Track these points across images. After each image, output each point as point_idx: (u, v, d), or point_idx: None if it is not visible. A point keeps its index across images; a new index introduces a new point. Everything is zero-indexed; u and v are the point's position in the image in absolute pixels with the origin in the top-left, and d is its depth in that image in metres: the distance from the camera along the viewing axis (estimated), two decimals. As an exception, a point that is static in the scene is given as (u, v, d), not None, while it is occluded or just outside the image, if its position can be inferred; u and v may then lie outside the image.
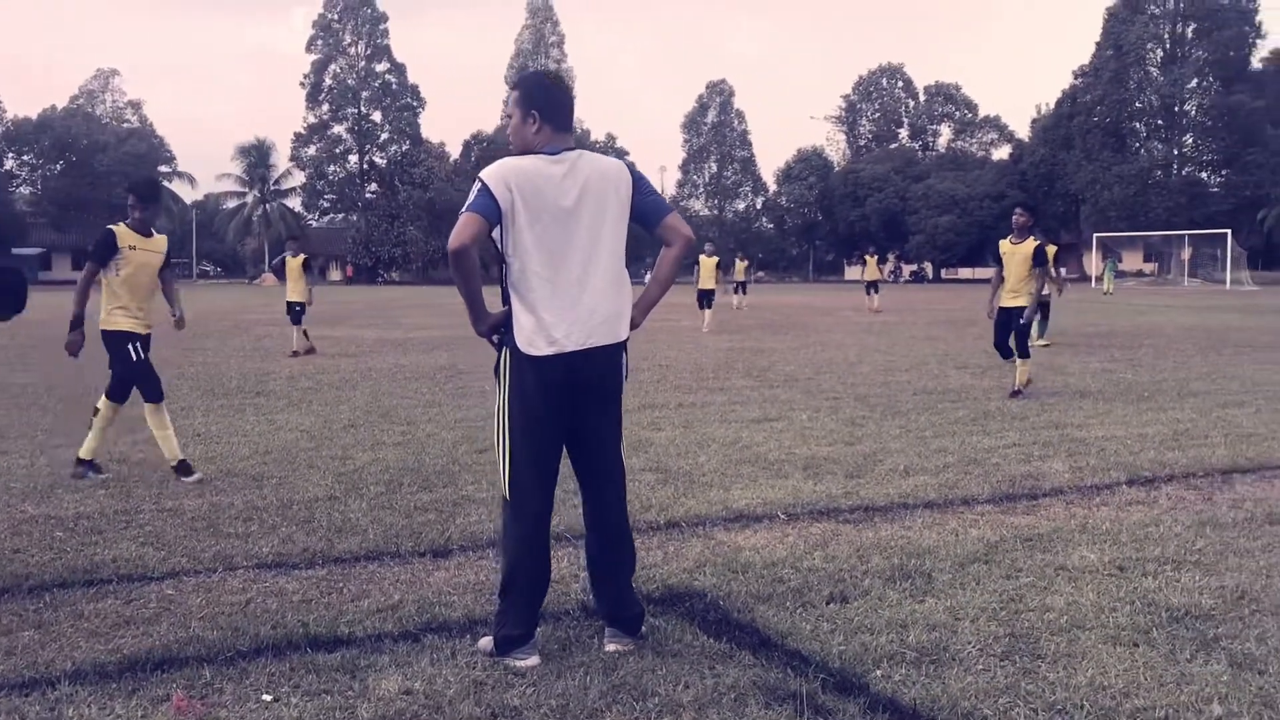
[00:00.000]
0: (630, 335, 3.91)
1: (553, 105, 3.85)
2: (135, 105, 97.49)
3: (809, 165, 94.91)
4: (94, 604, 4.40)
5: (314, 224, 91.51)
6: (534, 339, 3.72)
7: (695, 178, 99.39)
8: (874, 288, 32.15)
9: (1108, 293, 47.13)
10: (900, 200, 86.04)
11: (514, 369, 3.77)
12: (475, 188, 3.70)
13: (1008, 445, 8.06)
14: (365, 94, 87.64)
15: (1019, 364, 10.96)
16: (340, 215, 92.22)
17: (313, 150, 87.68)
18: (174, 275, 7.52)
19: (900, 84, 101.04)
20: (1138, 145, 77.46)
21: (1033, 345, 14.30)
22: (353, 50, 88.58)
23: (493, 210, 3.66)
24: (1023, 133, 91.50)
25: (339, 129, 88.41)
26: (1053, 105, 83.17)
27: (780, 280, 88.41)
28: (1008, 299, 10.98)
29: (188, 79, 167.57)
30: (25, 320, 5.31)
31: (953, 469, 7.16)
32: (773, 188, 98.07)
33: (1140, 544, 5.21)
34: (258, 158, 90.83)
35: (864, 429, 8.91)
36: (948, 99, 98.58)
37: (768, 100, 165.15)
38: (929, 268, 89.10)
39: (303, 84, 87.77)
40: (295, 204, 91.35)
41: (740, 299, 33.82)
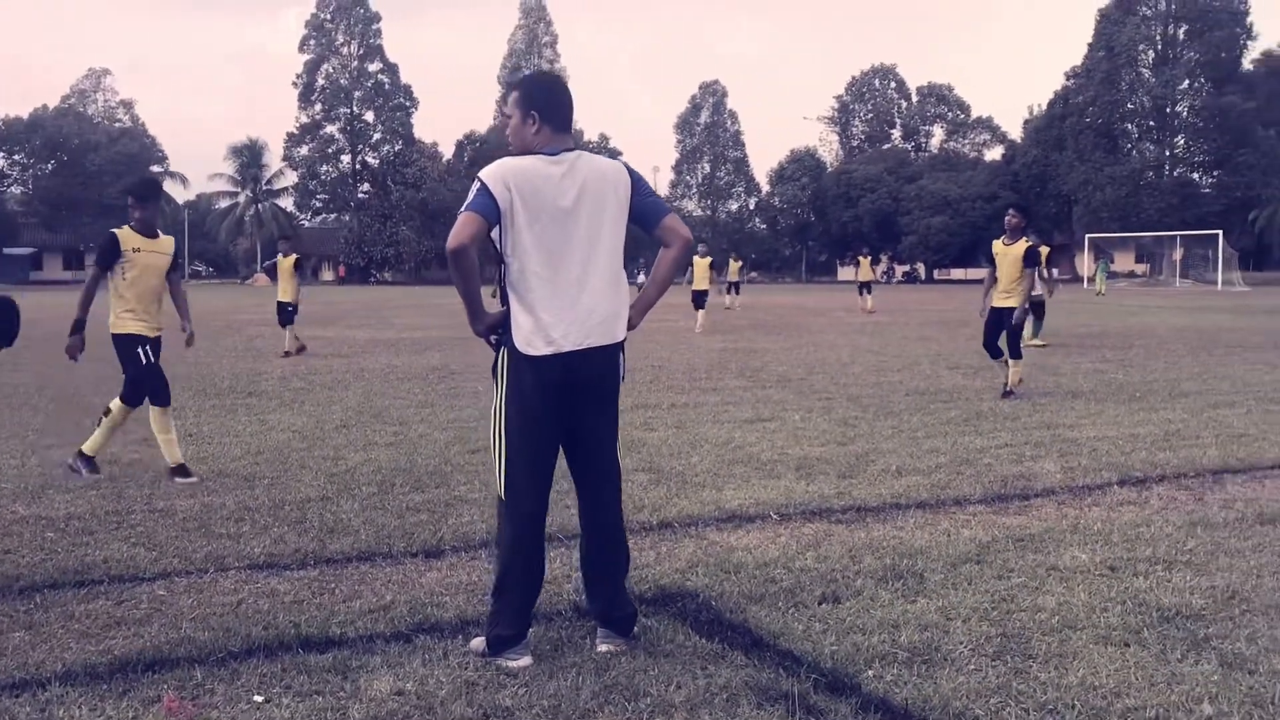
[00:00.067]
0: (627, 336, 3.91)
1: (552, 106, 3.85)
2: (127, 105, 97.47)
3: (802, 166, 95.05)
4: (85, 605, 4.39)
5: (306, 224, 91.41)
6: (532, 339, 3.72)
7: (688, 178, 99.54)
8: (866, 288, 32.23)
9: (1100, 293, 47.24)
10: (893, 201, 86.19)
11: (512, 369, 3.77)
12: (474, 187, 3.70)
13: (1000, 446, 8.08)
14: (358, 94, 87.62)
15: (1011, 365, 10.98)
16: (333, 215, 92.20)
17: (305, 150, 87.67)
18: (181, 278, 7.39)
19: (893, 85, 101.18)
20: (1129, 146, 77.70)
21: (1027, 345, 14.37)
22: (345, 50, 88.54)
23: (492, 210, 3.66)
24: (1015, 134, 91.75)
25: (331, 129, 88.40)
26: (1045, 106, 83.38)
27: (773, 281, 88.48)
28: (999, 299, 11.01)
29: (180, 79, 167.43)
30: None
31: (945, 469, 7.18)
32: (766, 188, 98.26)
33: (1131, 544, 5.22)
34: (250, 158, 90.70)
35: (856, 429, 8.92)
36: (940, 100, 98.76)
37: (761, 101, 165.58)
38: (921, 268, 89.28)
39: (295, 84, 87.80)
40: (288, 204, 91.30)
41: (733, 299, 33.88)
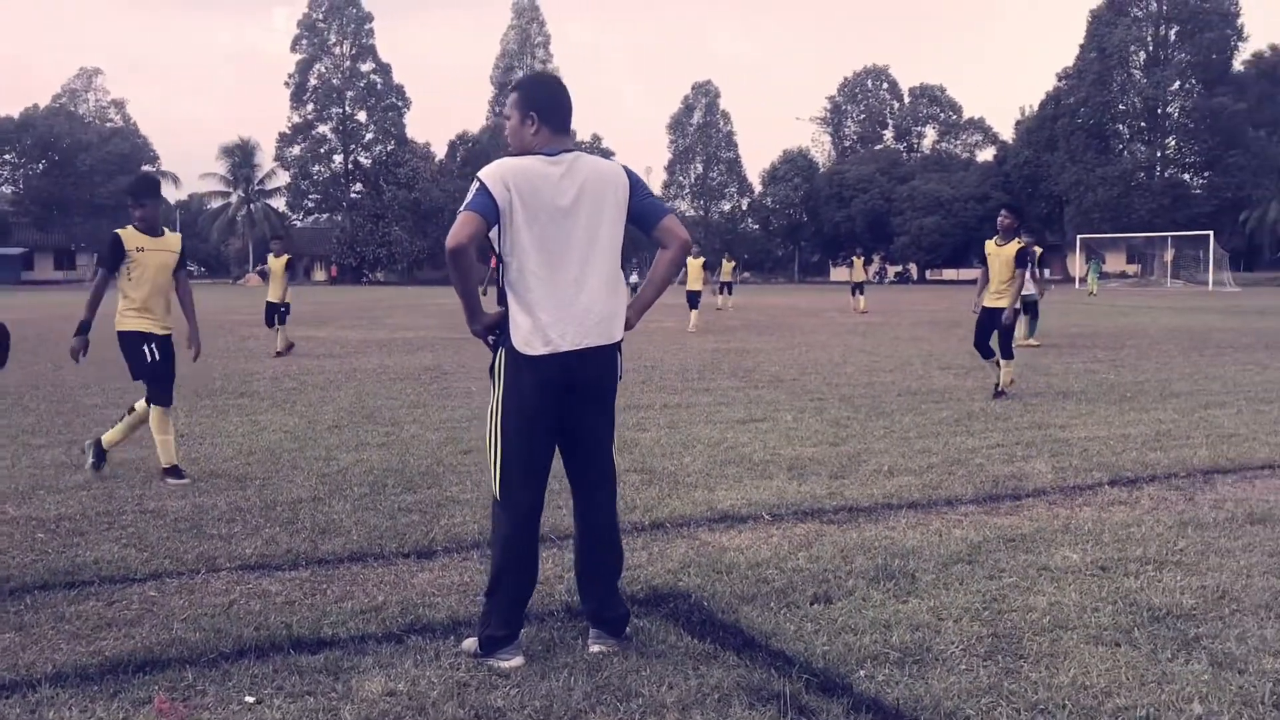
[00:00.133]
0: (624, 336, 3.92)
1: (551, 107, 3.86)
2: (119, 104, 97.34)
3: (794, 166, 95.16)
4: (76, 606, 4.37)
5: (298, 224, 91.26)
6: (530, 339, 3.72)
7: (681, 179, 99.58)
8: (859, 289, 32.31)
9: (1092, 294, 47.38)
10: (885, 201, 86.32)
11: (509, 368, 3.77)
12: (474, 187, 3.71)
13: (991, 446, 8.09)
14: (350, 94, 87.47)
15: (1002, 365, 11.00)
16: (325, 215, 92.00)
17: (297, 150, 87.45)
18: (187, 278, 7.24)
19: (885, 86, 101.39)
20: (1121, 147, 77.90)
21: (1020, 345, 14.41)
22: (338, 50, 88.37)
23: (491, 209, 3.67)
24: (1007, 134, 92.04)
25: (324, 129, 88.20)
26: (1036, 107, 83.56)
27: (766, 281, 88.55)
28: (991, 300, 11.05)
29: (171, 78, 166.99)
30: (8, 320, 5.27)
31: (936, 469, 7.19)
32: (758, 189, 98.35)
33: (1122, 544, 5.23)
34: (242, 158, 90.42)
35: (848, 430, 8.93)
36: (932, 101, 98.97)
37: (753, 102, 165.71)
38: (914, 269, 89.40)
39: (287, 84, 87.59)
40: (280, 204, 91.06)
41: (726, 299, 33.90)
